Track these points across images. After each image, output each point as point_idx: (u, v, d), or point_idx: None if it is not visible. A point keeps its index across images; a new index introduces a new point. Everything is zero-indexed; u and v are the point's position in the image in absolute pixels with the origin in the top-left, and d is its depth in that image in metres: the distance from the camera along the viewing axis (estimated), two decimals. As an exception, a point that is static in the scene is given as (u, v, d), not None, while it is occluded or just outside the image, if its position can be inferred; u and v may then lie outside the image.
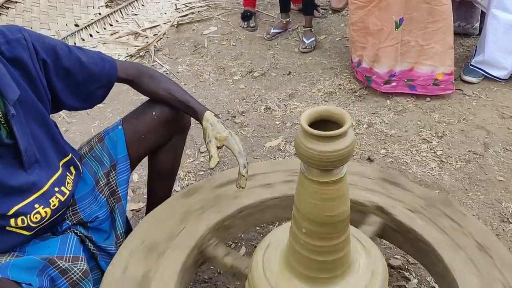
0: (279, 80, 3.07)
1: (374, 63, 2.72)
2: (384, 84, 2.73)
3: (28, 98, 1.17)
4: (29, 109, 1.18)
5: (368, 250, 1.12)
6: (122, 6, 4.12)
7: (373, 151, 2.37)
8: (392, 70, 2.70)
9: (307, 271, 1.03)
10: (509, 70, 2.74)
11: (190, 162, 2.38)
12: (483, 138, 2.39)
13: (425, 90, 2.70)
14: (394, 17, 2.56)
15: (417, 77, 2.69)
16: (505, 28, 2.64)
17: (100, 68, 1.31)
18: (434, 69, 2.65)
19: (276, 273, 1.06)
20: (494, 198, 2.03)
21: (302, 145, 0.90)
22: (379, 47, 2.66)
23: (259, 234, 1.92)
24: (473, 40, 3.22)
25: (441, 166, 2.24)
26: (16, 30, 1.15)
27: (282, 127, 2.60)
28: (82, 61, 1.26)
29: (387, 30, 2.60)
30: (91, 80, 1.30)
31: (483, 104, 2.65)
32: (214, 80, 3.13)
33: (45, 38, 1.22)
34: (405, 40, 2.63)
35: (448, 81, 2.66)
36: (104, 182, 1.40)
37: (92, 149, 1.43)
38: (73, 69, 1.25)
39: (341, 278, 1.05)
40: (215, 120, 1.35)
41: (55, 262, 1.17)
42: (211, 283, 1.74)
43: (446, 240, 1.26)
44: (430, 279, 1.69)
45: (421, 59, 2.66)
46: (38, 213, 1.21)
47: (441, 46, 2.60)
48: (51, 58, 1.20)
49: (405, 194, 1.42)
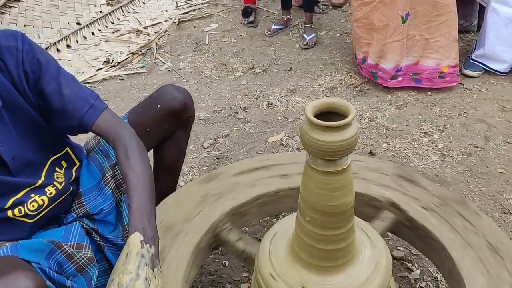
0: (281, 76, 3.09)
1: (380, 59, 2.73)
2: (390, 79, 2.75)
3: (16, 103, 1.16)
4: (18, 114, 1.17)
5: (373, 242, 1.14)
6: (123, 4, 4.14)
7: (375, 145, 2.39)
8: (398, 65, 2.71)
9: (310, 258, 1.05)
10: (509, 64, 2.76)
11: (194, 158, 2.40)
12: (484, 131, 2.41)
13: (431, 83, 2.72)
14: (400, 12, 2.57)
15: (423, 71, 2.71)
16: (505, 22, 2.66)
17: (77, 108, 1.21)
18: (440, 62, 2.67)
19: (281, 259, 1.09)
20: (495, 190, 2.06)
21: (308, 135, 0.92)
22: (385, 43, 2.67)
23: (263, 228, 1.94)
24: (473, 34, 3.24)
25: (443, 159, 2.26)
26: (12, 37, 1.14)
27: (285, 122, 2.62)
28: (62, 93, 1.20)
29: (393, 25, 2.61)
30: (64, 115, 1.21)
31: (483, 97, 2.67)
32: (216, 76, 3.15)
33: (38, 54, 1.18)
34: (411, 34, 2.65)
35: (453, 74, 2.68)
36: (110, 175, 1.42)
37: (99, 142, 1.45)
38: (51, 96, 1.19)
39: (344, 268, 1.07)
40: (136, 250, 1.03)
41: (62, 246, 1.19)
42: (217, 275, 1.77)
43: (457, 239, 1.27)
44: (432, 270, 1.71)
45: (427, 52, 2.68)
46: (35, 201, 1.23)
47: (446, 39, 2.62)
48: (33, 75, 1.17)
49: (421, 191, 1.43)
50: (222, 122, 2.68)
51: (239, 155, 2.41)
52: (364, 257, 1.10)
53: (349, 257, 1.06)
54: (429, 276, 1.70)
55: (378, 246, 1.13)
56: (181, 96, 1.46)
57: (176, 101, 1.44)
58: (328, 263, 1.06)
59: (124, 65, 3.37)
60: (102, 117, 1.23)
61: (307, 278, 1.05)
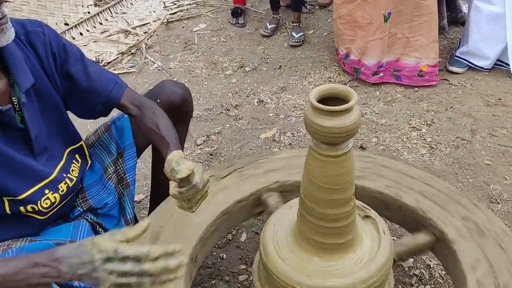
0: (271, 74, 3.13)
1: (363, 56, 2.80)
2: (372, 75, 2.82)
3: (43, 87, 1.22)
4: (44, 97, 1.22)
5: (376, 223, 1.19)
6: (111, 4, 4.14)
7: (365, 139, 2.44)
8: (380, 62, 2.79)
9: (314, 235, 1.10)
10: (492, 60, 2.84)
11: (187, 155, 2.42)
12: (470, 125, 2.48)
13: (410, 81, 2.80)
14: (383, 11, 2.65)
15: (403, 68, 2.79)
16: (488, 20, 2.73)
17: (103, 85, 1.31)
18: (419, 60, 2.75)
19: (287, 241, 1.13)
20: (483, 180, 2.12)
21: (311, 120, 0.96)
22: (368, 40, 2.75)
23: (259, 221, 1.97)
24: (457, 32, 3.33)
25: (431, 152, 2.32)
26: (36, 24, 1.21)
27: (276, 119, 2.66)
28: (88, 72, 1.29)
29: (376, 23, 2.68)
30: (92, 92, 1.31)
31: (468, 93, 2.74)
32: (206, 75, 3.17)
33: (61, 39, 1.27)
34: (392, 32, 2.72)
35: (432, 73, 2.76)
36: (112, 170, 1.44)
37: (99, 138, 1.47)
38: (77, 75, 1.28)
39: (349, 245, 1.12)
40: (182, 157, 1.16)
41: None
42: (215, 268, 1.79)
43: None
44: (425, 258, 1.77)
45: (407, 50, 2.75)
46: (48, 198, 1.24)
47: (426, 39, 2.69)
48: (60, 58, 1.25)
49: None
50: (214, 119, 2.71)
51: (232, 151, 2.43)
52: (367, 236, 1.15)
53: (353, 236, 1.10)
54: (422, 264, 1.75)
55: (381, 227, 1.17)
56: (180, 91, 1.49)
57: (176, 95, 1.47)
58: (331, 240, 1.10)
59: (114, 65, 3.38)
60: (126, 93, 1.33)
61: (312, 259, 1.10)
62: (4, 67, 1.14)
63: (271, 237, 1.16)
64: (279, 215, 1.23)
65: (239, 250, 1.86)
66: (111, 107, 1.35)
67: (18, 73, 1.13)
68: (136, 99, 1.34)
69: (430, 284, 1.69)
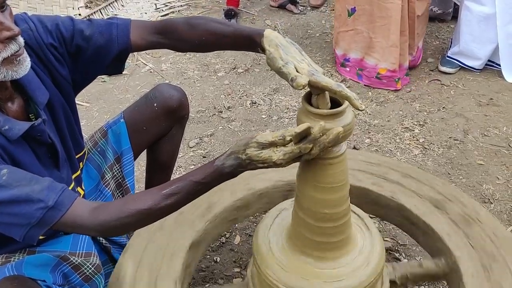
0: (263, 75, 3.12)
1: (336, 45, 3.01)
2: (340, 65, 2.98)
3: (55, 98, 1.18)
4: (58, 109, 1.19)
5: (368, 226, 1.18)
6: (102, 7, 4.11)
7: (358, 140, 2.44)
8: (346, 54, 2.93)
9: (310, 235, 1.09)
10: (483, 60, 2.86)
11: (180, 157, 2.40)
12: (462, 125, 2.49)
13: (369, 82, 2.86)
14: (347, 6, 2.80)
15: (365, 68, 2.87)
16: (478, 20, 2.75)
17: (106, 37, 1.17)
18: (378, 62, 2.79)
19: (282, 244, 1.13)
20: (475, 180, 2.13)
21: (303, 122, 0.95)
22: (339, 31, 2.94)
23: (252, 224, 1.97)
24: (448, 32, 3.34)
25: (424, 152, 2.32)
26: (20, 20, 1.12)
27: (269, 121, 2.65)
28: (85, 35, 1.16)
29: (343, 16, 2.86)
30: (100, 51, 1.18)
31: (460, 93, 2.75)
32: (199, 77, 3.16)
33: (47, 22, 1.16)
34: (359, 29, 2.82)
35: (391, 78, 2.78)
36: (109, 176, 1.43)
37: (96, 144, 1.46)
38: (82, 44, 1.17)
39: (343, 244, 1.12)
40: (282, 39, 1.06)
41: (68, 259, 1.19)
42: (208, 271, 1.78)
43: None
44: (419, 259, 1.77)
45: (370, 51, 2.82)
46: None
47: (385, 42, 2.73)
48: (57, 41, 1.15)
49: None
50: (207, 121, 2.69)
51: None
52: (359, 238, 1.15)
53: (346, 235, 1.10)
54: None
55: (373, 230, 1.17)
56: (177, 94, 1.48)
57: (173, 99, 1.46)
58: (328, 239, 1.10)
59: (105, 67, 3.35)
60: (133, 30, 1.19)
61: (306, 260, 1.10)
62: (17, 86, 1.10)
63: (263, 241, 1.16)
64: (272, 217, 1.23)
65: (233, 253, 1.85)
66: (126, 54, 1.22)
67: (33, 89, 1.10)
68: (146, 29, 1.18)
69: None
